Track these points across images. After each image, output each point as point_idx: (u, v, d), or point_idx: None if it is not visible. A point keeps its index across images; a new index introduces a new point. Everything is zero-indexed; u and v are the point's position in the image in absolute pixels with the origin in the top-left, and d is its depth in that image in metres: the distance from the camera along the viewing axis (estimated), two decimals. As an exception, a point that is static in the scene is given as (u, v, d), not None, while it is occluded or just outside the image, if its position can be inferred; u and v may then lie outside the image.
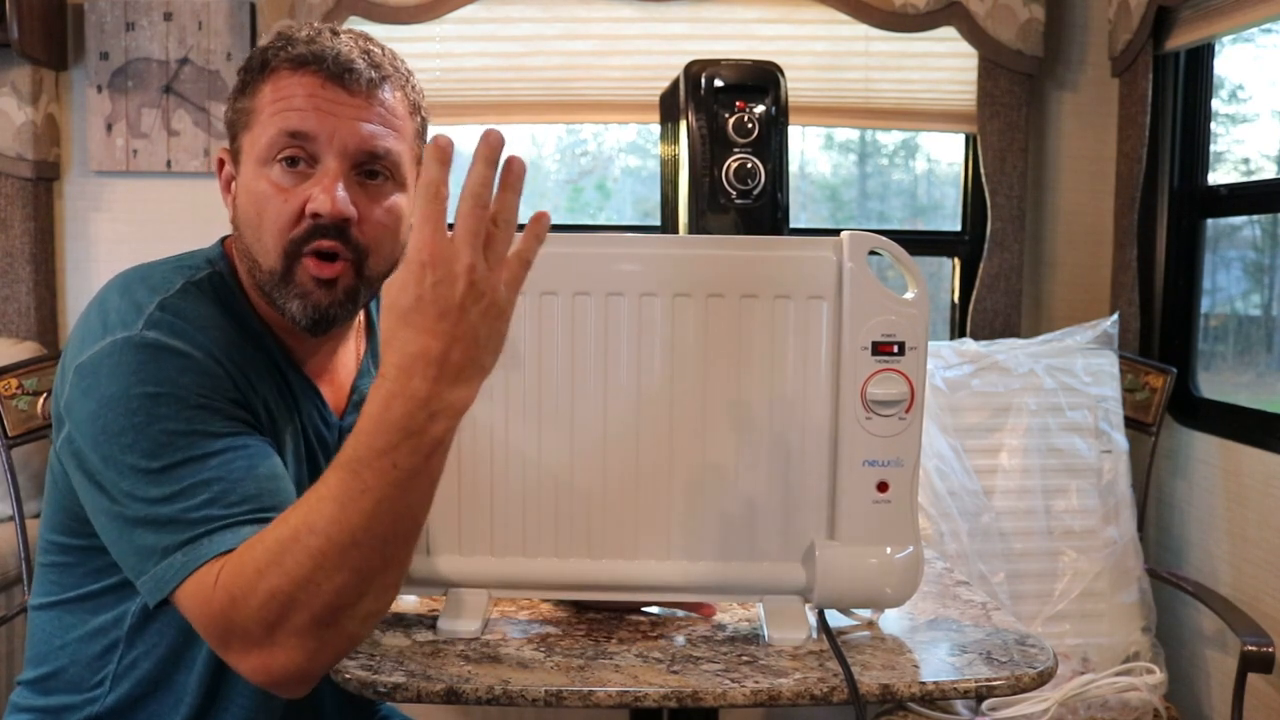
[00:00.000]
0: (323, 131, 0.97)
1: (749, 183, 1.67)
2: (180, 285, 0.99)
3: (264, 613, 0.82)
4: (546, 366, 1.02)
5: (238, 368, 0.98)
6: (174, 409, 0.91)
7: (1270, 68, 2.29)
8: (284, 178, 0.98)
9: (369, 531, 0.80)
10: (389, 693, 0.92)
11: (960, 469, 1.99)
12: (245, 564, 0.83)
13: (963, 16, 2.28)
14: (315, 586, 0.81)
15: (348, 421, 1.11)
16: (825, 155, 2.69)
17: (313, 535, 0.80)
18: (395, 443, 0.79)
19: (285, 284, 0.99)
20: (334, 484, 0.81)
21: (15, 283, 2.30)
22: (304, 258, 0.99)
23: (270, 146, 0.98)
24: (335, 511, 0.80)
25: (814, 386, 1.02)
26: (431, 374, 0.78)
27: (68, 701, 1.04)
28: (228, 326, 1.00)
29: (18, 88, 2.28)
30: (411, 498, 0.82)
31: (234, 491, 0.89)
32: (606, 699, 0.90)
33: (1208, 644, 2.09)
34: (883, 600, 1.03)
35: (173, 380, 0.92)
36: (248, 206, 1.00)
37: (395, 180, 1.02)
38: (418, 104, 1.06)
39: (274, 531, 0.83)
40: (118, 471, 0.90)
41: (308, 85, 0.98)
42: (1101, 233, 2.40)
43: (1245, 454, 1.99)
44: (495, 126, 0.80)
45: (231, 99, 1.04)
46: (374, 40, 1.04)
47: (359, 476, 0.80)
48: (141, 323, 0.94)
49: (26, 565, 1.75)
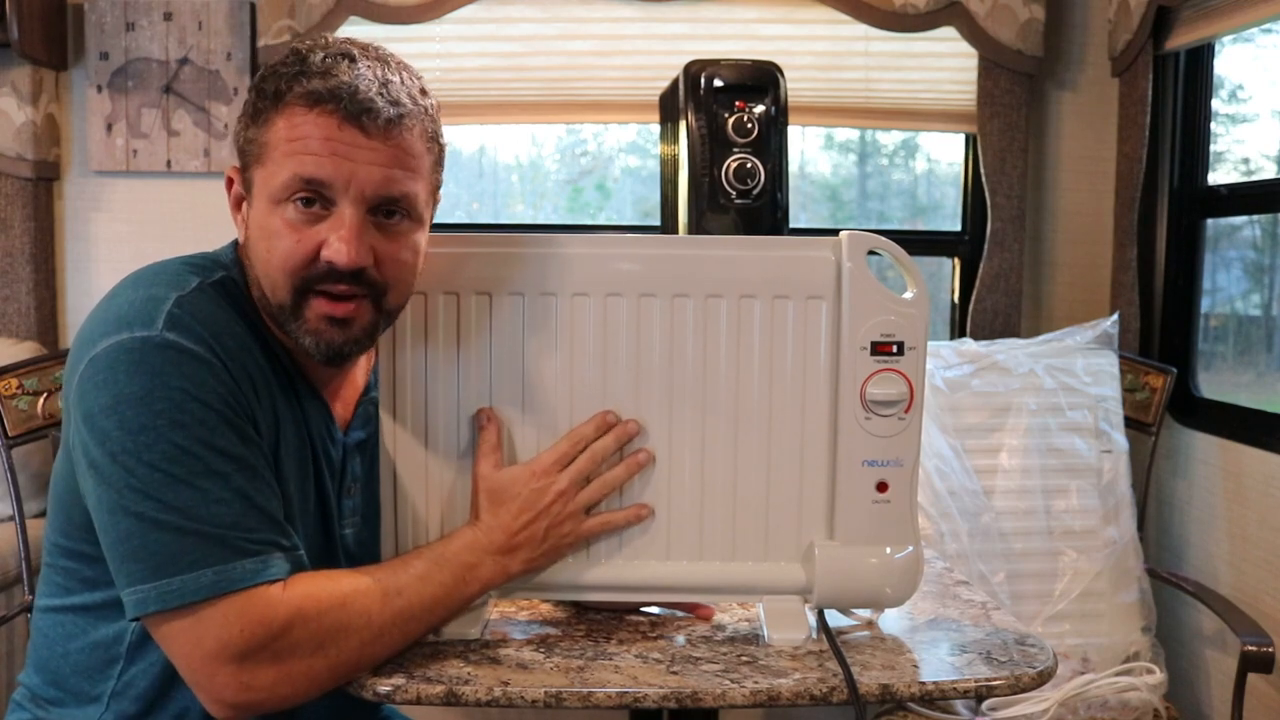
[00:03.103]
0: (339, 178, 0.94)
1: (749, 183, 1.67)
2: (196, 285, 0.98)
3: (323, 637, 0.92)
4: (546, 366, 1.02)
5: (247, 375, 0.97)
6: (197, 416, 0.91)
7: (1270, 68, 2.29)
8: (298, 218, 0.95)
9: (431, 613, 0.98)
10: (389, 694, 0.92)
11: (960, 469, 1.99)
12: (324, 590, 0.94)
13: (963, 16, 2.28)
14: (379, 634, 0.95)
15: (352, 437, 1.11)
16: (825, 155, 2.69)
17: (400, 596, 0.96)
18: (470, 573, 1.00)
19: (295, 319, 0.97)
20: (420, 567, 0.99)
21: (15, 283, 2.30)
22: (315, 296, 0.97)
23: (285, 188, 0.95)
24: (419, 586, 0.98)
25: (813, 386, 1.02)
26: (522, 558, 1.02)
27: (67, 715, 1.03)
28: (240, 333, 0.99)
29: (18, 88, 2.28)
30: (455, 610, 1.01)
31: (254, 516, 0.92)
32: (606, 700, 0.90)
33: (1208, 644, 2.09)
34: (882, 600, 1.03)
35: (197, 387, 0.92)
36: (259, 241, 0.98)
37: (412, 218, 0.99)
38: (435, 133, 1.03)
39: (354, 577, 0.96)
40: (130, 469, 0.89)
41: (324, 127, 0.93)
42: (1101, 233, 2.40)
43: (1245, 454, 1.98)
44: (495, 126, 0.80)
45: (243, 123, 0.99)
46: (392, 65, 0.99)
47: (442, 571, 0.99)
48: (161, 322, 0.93)
49: (27, 565, 1.75)
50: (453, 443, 1.03)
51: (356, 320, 0.97)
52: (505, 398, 1.02)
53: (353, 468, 1.11)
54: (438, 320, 1.02)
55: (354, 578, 0.96)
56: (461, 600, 1.00)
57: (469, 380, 1.03)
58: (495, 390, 1.02)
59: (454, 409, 1.03)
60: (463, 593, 1.00)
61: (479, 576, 1.00)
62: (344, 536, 1.11)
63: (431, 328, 1.03)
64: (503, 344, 1.02)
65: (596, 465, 1.02)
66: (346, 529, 1.11)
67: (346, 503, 1.11)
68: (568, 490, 1.01)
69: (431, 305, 1.02)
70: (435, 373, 1.03)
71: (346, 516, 1.11)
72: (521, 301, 1.02)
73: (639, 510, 1.04)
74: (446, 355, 1.03)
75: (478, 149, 2.59)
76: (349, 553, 1.11)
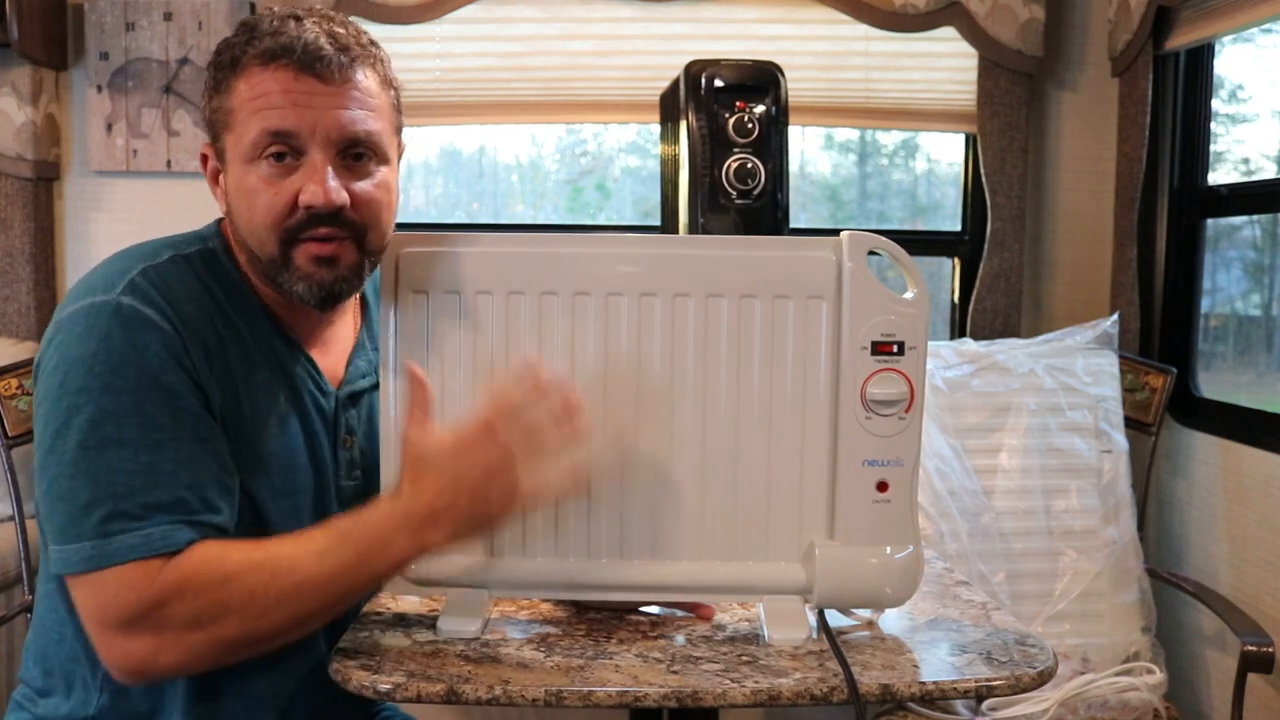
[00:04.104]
0: (304, 126, 0.99)
1: (749, 183, 1.67)
2: (169, 257, 1.03)
3: (200, 613, 0.91)
4: (547, 365, 1.02)
5: (202, 343, 0.99)
6: (131, 381, 0.94)
7: (1270, 68, 2.29)
8: (271, 172, 1.00)
9: (326, 593, 0.94)
10: (389, 692, 0.92)
11: (960, 469, 1.99)
12: (210, 566, 0.92)
13: (963, 16, 2.28)
14: (263, 613, 0.92)
15: (344, 392, 1.12)
16: (825, 155, 2.69)
17: (291, 574, 0.93)
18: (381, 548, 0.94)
19: (286, 269, 1.02)
20: (322, 542, 0.94)
21: (15, 283, 2.30)
22: (300, 244, 1.01)
23: (254, 146, 0.99)
24: (315, 564, 0.93)
25: (814, 386, 1.02)
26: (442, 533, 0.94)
27: (61, 704, 1.04)
28: (209, 301, 1.02)
29: (18, 88, 2.28)
30: (360, 587, 0.96)
31: (158, 488, 0.94)
32: (606, 699, 0.90)
33: (1208, 644, 2.09)
34: (882, 600, 1.04)
35: (139, 353, 0.95)
36: (239, 202, 1.02)
37: (379, 157, 1.04)
38: (389, 77, 1.07)
39: (249, 552, 0.94)
40: (57, 433, 0.94)
41: (281, 80, 0.98)
42: (1101, 233, 2.40)
43: (1245, 454, 1.98)
44: (495, 126, 0.81)
45: (207, 97, 1.04)
46: (338, 19, 1.03)
47: (344, 548, 0.94)
48: (120, 287, 0.97)
49: (27, 565, 1.75)
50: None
51: (342, 259, 1.02)
52: (506, 397, 1.02)
53: (347, 420, 1.12)
54: (438, 320, 1.03)
55: (250, 552, 0.94)
56: (369, 576, 0.95)
57: (469, 380, 1.03)
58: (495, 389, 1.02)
59: (453, 409, 1.03)
60: (370, 569, 0.95)
61: (392, 553, 0.94)
62: (342, 489, 1.12)
63: (432, 327, 1.03)
64: (504, 343, 1.02)
65: (529, 434, 0.95)
66: (345, 482, 1.12)
67: (343, 454, 1.12)
68: (495, 463, 0.94)
69: (433, 305, 1.03)
70: (435, 372, 1.03)
71: (343, 469, 1.12)
72: (523, 301, 1.02)
73: (573, 474, 0.96)
74: (447, 355, 1.03)
75: (478, 149, 2.59)
76: (347, 505, 1.10)
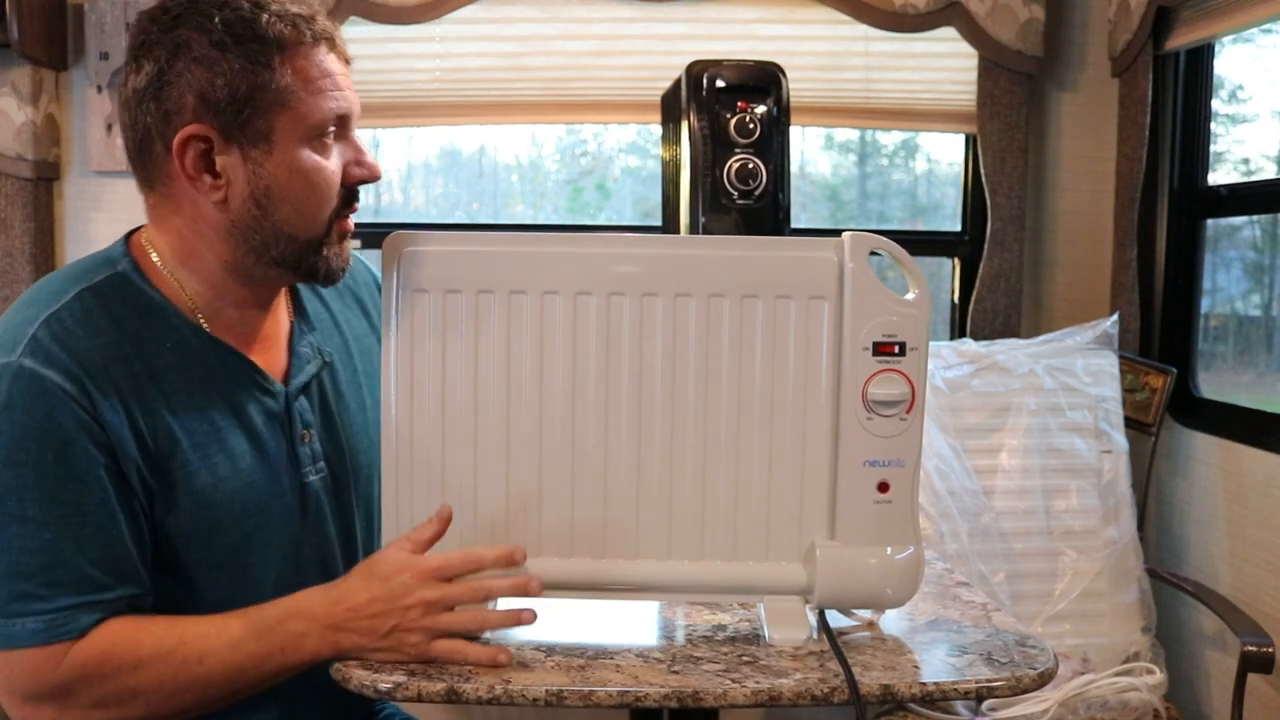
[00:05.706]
0: (355, 107, 1.05)
1: (751, 183, 1.67)
2: (74, 294, 0.99)
3: (106, 696, 0.94)
4: (548, 366, 1.02)
5: (132, 381, 0.97)
6: (32, 456, 0.93)
7: (1270, 68, 2.29)
8: (326, 150, 1.03)
9: (234, 681, 0.97)
10: (390, 692, 0.92)
11: (960, 469, 1.99)
12: (118, 651, 0.94)
13: (963, 16, 2.28)
14: (169, 697, 0.95)
15: (293, 385, 1.10)
16: (825, 155, 2.69)
17: (200, 663, 0.95)
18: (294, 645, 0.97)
19: (326, 245, 1.05)
20: (238, 632, 0.97)
21: (15, 283, 2.30)
22: (340, 219, 1.06)
23: (321, 126, 1.01)
24: (226, 654, 0.96)
25: (815, 387, 1.02)
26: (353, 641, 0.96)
27: None
28: (121, 338, 0.99)
29: (18, 88, 2.28)
30: (268, 678, 0.98)
31: (59, 568, 0.93)
32: (607, 699, 0.90)
33: (1208, 644, 2.09)
34: (883, 601, 1.04)
35: (40, 422, 0.93)
36: (294, 184, 1.01)
37: None
38: None
39: (161, 637, 0.96)
40: None
41: (336, 63, 1.03)
42: (1101, 233, 2.40)
43: (1245, 454, 1.99)
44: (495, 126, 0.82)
45: (228, 72, 0.96)
46: None
47: (258, 642, 0.96)
48: (21, 347, 0.94)
49: None
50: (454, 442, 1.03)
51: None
52: (507, 395, 1.02)
53: (301, 414, 1.10)
54: (439, 320, 1.02)
55: (162, 637, 0.96)
56: (279, 667, 0.97)
57: (470, 379, 1.03)
58: (497, 388, 1.02)
59: (455, 408, 1.03)
60: (280, 662, 0.97)
61: (306, 646, 0.96)
62: (309, 485, 1.10)
63: (433, 327, 1.03)
64: (505, 342, 1.02)
65: (475, 599, 0.97)
66: (310, 477, 1.10)
67: (303, 450, 1.10)
68: (432, 604, 0.96)
69: (434, 304, 1.02)
70: (436, 372, 1.03)
71: (306, 464, 1.10)
72: (524, 300, 1.02)
73: (494, 654, 0.95)
74: (448, 354, 1.03)
75: (478, 149, 2.59)
76: (317, 500, 1.11)
